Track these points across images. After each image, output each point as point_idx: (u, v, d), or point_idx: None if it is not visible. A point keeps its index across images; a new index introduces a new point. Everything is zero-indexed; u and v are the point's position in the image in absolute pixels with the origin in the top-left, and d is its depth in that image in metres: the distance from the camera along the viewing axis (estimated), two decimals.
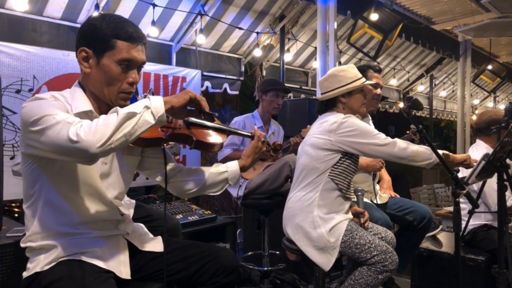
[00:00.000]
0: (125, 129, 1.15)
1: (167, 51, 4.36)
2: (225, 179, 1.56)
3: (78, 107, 1.35)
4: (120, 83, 1.35)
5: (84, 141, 1.09)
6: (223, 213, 5.26)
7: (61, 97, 1.33)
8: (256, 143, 1.58)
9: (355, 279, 1.98)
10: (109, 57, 1.32)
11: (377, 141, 2.02)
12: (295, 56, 5.44)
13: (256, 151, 1.58)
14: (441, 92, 8.62)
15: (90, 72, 1.35)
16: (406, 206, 2.58)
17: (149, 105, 1.20)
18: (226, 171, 1.56)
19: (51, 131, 1.14)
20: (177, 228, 2.31)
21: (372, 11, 4.20)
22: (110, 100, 1.37)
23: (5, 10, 3.20)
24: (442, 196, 5.66)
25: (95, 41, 1.32)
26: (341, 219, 2.04)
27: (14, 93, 3.07)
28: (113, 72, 1.33)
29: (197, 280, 1.50)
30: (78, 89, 1.39)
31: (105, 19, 1.34)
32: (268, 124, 3.31)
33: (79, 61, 1.35)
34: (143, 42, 1.38)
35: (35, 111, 1.19)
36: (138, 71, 1.39)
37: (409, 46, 6.52)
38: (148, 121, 1.19)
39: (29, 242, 1.37)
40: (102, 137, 1.11)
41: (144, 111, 1.19)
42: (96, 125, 1.13)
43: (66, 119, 1.15)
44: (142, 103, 1.20)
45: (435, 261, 2.65)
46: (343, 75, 2.14)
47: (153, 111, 1.20)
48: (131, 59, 1.34)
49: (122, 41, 1.32)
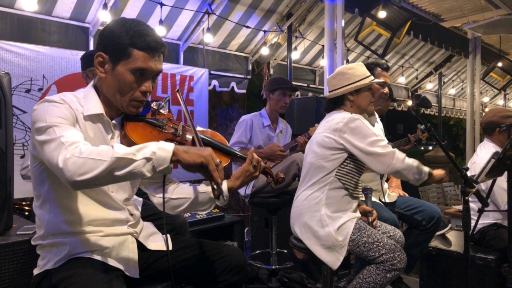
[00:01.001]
0: (116, 171, 1.12)
1: (174, 50, 4.37)
2: (213, 200, 1.50)
3: (89, 109, 1.36)
4: (133, 91, 1.34)
5: (68, 172, 1.11)
6: (231, 211, 5.27)
7: (72, 98, 1.35)
8: (247, 166, 1.48)
9: (363, 277, 1.97)
10: (124, 65, 1.31)
11: (377, 149, 1.97)
12: (302, 54, 5.43)
13: (246, 175, 1.49)
14: (450, 90, 8.54)
15: (105, 78, 1.35)
16: (415, 205, 2.56)
17: (153, 157, 1.14)
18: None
19: (47, 147, 1.17)
20: (184, 226, 2.32)
21: (380, 8, 4.17)
22: (122, 106, 1.37)
23: (14, 10, 3.24)
24: (451, 195, 5.61)
25: (112, 47, 1.32)
26: (349, 217, 2.04)
27: (24, 92, 3.11)
28: (127, 80, 1.32)
29: (205, 278, 1.50)
30: (92, 91, 1.40)
31: (125, 26, 1.32)
32: (276, 123, 3.31)
33: (95, 65, 1.35)
34: (161, 51, 1.35)
35: (42, 117, 1.22)
36: (153, 80, 1.38)
37: (418, 43, 6.47)
38: (143, 173, 1.14)
39: (39, 240, 1.39)
40: (87, 172, 1.10)
41: (143, 163, 1.13)
42: (87, 157, 1.11)
43: (61, 138, 1.16)
44: (146, 150, 1.14)
45: (444, 260, 2.63)
46: (352, 73, 2.13)
47: (155, 163, 1.14)
48: (146, 69, 1.32)
49: (139, 50, 1.30)
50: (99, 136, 1.38)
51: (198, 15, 4.20)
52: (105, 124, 1.40)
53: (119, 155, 1.12)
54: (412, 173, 1.97)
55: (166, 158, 1.15)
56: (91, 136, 1.36)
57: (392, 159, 1.97)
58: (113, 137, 1.41)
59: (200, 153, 1.20)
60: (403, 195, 2.68)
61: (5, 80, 1.76)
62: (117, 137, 1.42)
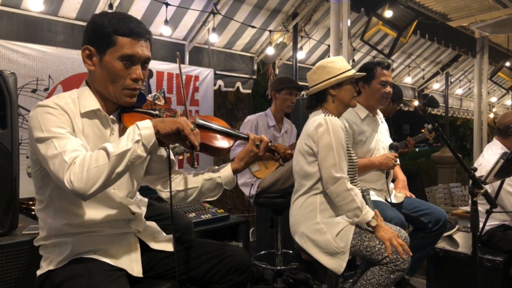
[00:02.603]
0: (118, 168, 1.18)
1: (180, 50, 4.37)
2: (220, 184, 1.51)
3: (86, 106, 1.35)
4: (124, 80, 1.33)
5: (77, 189, 1.16)
6: (236, 212, 5.27)
7: (67, 100, 1.33)
8: (250, 146, 1.49)
9: (367, 279, 1.95)
10: (111, 54, 1.31)
11: (331, 170, 1.93)
12: (308, 54, 5.41)
13: (250, 155, 1.50)
14: (457, 90, 8.47)
15: (94, 70, 1.35)
16: (421, 207, 2.53)
17: (140, 137, 1.21)
18: (219, 176, 1.51)
19: (51, 164, 1.20)
20: (189, 226, 2.31)
21: (386, 8, 4.15)
22: (116, 97, 1.36)
23: (21, 11, 3.25)
24: (458, 196, 5.56)
25: (97, 38, 1.32)
26: (348, 222, 2.00)
27: (30, 92, 3.12)
28: (116, 68, 1.31)
29: (209, 279, 1.49)
30: (86, 88, 1.39)
31: (107, 16, 1.33)
32: (281, 123, 3.30)
33: (83, 59, 1.35)
34: (146, 37, 1.35)
35: (38, 126, 1.24)
36: (143, 68, 1.37)
37: (424, 43, 6.42)
38: (140, 155, 1.21)
39: (42, 241, 1.39)
40: (95, 183, 1.16)
41: (135, 146, 1.20)
42: (88, 169, 1.16)
43: (63, 155, 1.19)
44: (131, 135, 1.21)
45: (452, 261, 2.61)
46: (332, 66, 2.09)
47: (144, 142, 1.21)
48: (133, 55, 1.32)
49: (123, 37, 1.30)
50: (98, 133, 1.37)
51: (203, 15, 4.19)
52: (102, 119, 1.39)
53: (116, 153, 1.18)
54: (346, 209, 1.94)
55: (151, 134, 1.22)
56: (89, 134, 1.35)
57: (334, 184, 1.93)
58: (112, 132, 1.40)
59: (174, 120, 1.26)
60: (410, 196, 2.66)
61: (11, 80, 1.76)
62: (117, 132, 1.41)
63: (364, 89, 2.54)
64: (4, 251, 1.63)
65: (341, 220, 2.02)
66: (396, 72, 6.96)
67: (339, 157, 1.96)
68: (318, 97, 2.15)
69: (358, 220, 1.94)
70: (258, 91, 5.99)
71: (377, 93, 2.51)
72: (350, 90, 2.12)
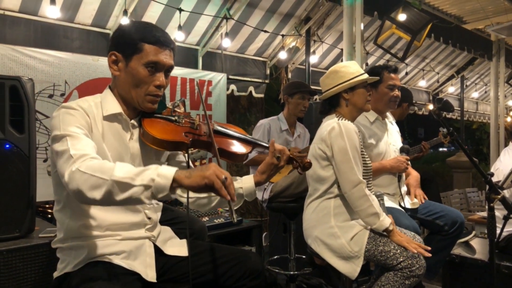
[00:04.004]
0: (114, 196, 1.11)
1: (193, 55, 4.41)
2: (241, 195, 1.51)
3: (108, 109, 1.39)
4: (147, 86, 1.38)
5: (71, 185, 1.15)
6: (249, 216, 5.26)
7: (90, 103, 1.38)
8: (270, 159, 1.47)
9: (381, 284, 1.93)
10: (136, 60, 1.36)
11: (349, 175, 1.93)
12: (321, 58, 5.40)
13: (271, 168, 1.48)
14: (472, 93, 8.36)
15: (119, 75, 1.40)
16: (436, 210, 2.50)
17: (151, 184, 1.11)
18: (241, 187, 1.50)
19: (59, 159, 1.22)
20: (203, 231, 2.32)
21: (400, 11, 4.12)
22: (138, 102, 1.40)
23: (38, 18, 3.32)
24: (475, 201, 5.47)
25: (124, 45, 1.37)
26: (362, 227, 1.99)
27: (47, 97, 3.18)
28: (140, 74, 1.36)
29: (223, 283, 1.49)
30: (109, 93, 1.44)
31: (134, 25, 1.40)
32: (294, 127, 3.29)
33: (109, 64, 1.40)
34: (170, 47, 1.40)
35: (57, 125, 1.27)
36: (166, 76, 1.41)
37: (439, 46, 6.36)
38: (141, 200, 1.13)
39: (59, 243, 1.41)
40: (89, 190, 1.12)
41: (141, 190, 1.11)
42: (91, 174, 1.13)
43: (71, 150, 1.19)
44: (147, 174, 1.11)
45: (468, 268, 2.56)
46: (345, 70, 2.08)
47: (154, 191, 1.11)
48: (158, 62, 1.37)
49: (149, 44, 1.35)
50: (117, 137, 1.41)
51: (216, 20, 4.22)
52: (123, 124, 1.42)
53: (116, 179, 1.11)
54: (364, 215, 1.93)
55: (166, 186, 1.11)
56: (109, 137, 1.38)
57: (352, 189, 1.92)
58: (131, 137, 1.44)
59: (202, 175, 1.12)
60: (424, 198, 2.61)
61: (29, 86, 1.80)
62: (136, 137, 1.44)
63: (372, 94, 2.53)
64: (21, 254, 1.66)
65: (355, 224, 2.01)
66: (410, 76, 6.90)
67: (355, 161, 1.96)
68: (332, 102, 2.15)
69: (376, 227, 1.92)
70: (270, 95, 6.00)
71: (385, 97, 2.49)
72: (364, 94, 2.11)
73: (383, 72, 2.48)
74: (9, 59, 2.98)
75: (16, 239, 1.72)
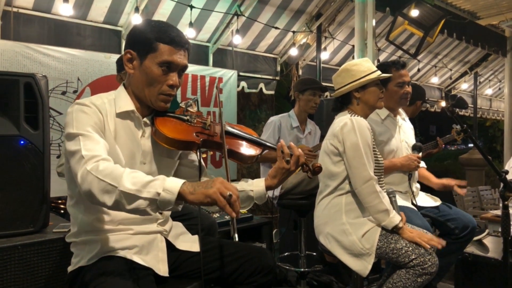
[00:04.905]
0: (123, 205, 1.15)
1: (204, 52, 4.42)
2: (251, 198, 1.51)
3: (121, 106, 1.41)
4: (160, 85, 1.39)
5: (83, 187, 1.18)
6: (259, 213, 5.27)
7: (103, 100, 1.40)
8: (280, 163, 1.45)
9: (393, 282, 1.92)
10: (151, 59, 1.36)
11: (360, 170, 1.93)
12: (332, 55, 5.37)
13: (282, 172, 1.46)
14: (486, 90, 8.24)
15: (134, 73, 1.41)
16: (449, 212, 2.46)
17: (156, 198, 1.13)
18: (252, 189, 1.50)
19: (72, 159, 1.24)
20: (213, 227, 2.33)
21: (413, 7, 4.07)
22: (151, 101, 1.41)
23: (51, 16, 3.36)
24: (488, 199, 5.39)
25: (139, 43, 1.38)
26: (374, 224, 1.98)
27: (60, 94, 3.22)
28: (154, 73, 1.37)
29: (234, 280, 1.50)
30: (123, 90, 1.46)
31: (150, 24, 1.40)
32: (305, 124, 3.28)
33: (124, 62, 1.41)
34: (185, 47, 1.40)
35: (71, 123, 1.29)
36: (179, 76, 1.42)
37: (452, 42, 6.28)
38: (147, 212, 1.16)
39: (73, 238, 1.43)
40: (99, 194, 1.15)
41: (147, 204, 1.14)
42: (102, 178, 1.15)
43: (83, 151, 1.22)
44: (153, 187, 1.13)
45: (481, 267, 2.53)
46: (356, 69, 2.07)
47: (159, 205, 1.14)
48: (172, 62, 1.37)
49: (164, 44, 1.36)
50: (129, 134, 1.42)
51: (227, 17, 4.22)
52: (135, 121, 1.43)
53: (123, 189, 1.14)
54: (374, 211, 1.93)
55: (171, 201, 1.14)
56: (121, 133, 1.40)
57: (363, 185, 1.92)
58: (143, 135, 1.45)
59: (205, 193, 1.13)
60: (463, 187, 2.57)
61: (43, 83, 1.82)
62: (148, 135, 1.45)
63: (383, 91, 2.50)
64: (36, 248, 1.68)
65: (367, 221, 2.00)
66: (422, 72, 6.83)
67: (367, 157, 1.95)
68: (343, 100, 2.15)
69: (385, 224, 1.92)
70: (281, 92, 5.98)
71: (395, 95, 2.45)
72: (375, 92, 2.09)
73: (391, 70, 2.44)
74: (23, 57, 3.02)
75: (31, 234, 1.75)
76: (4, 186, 1.70)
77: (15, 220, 1.73)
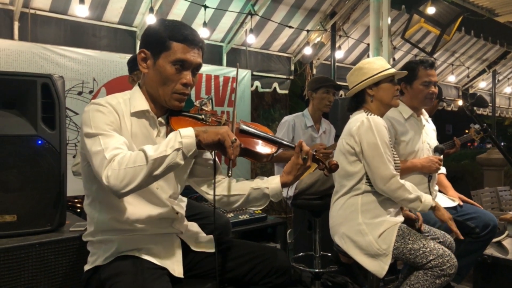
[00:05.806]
0: (156, 171, 1.21)
1: (218, 52, 4.43)
2: (267, 195, 1.49)
3: (136, 106, 1.41)
4: (174, 84, 1.38)
5: (112, 186, 1.21)
6: (273, 213, 5.25)
7: (119, 100, 1.40)
8: (296, 159, 1.44)
9: (411, 283, 1.89)
10: (164, 58, 1.36)
11: (382, 169, 1.93)
12: (346, 53, 5.33)
13: (297, 168, 1.45)
14: (505, 88, 8.07)
15: (148, 73, 1.41)
16: (468, 211, 2.41)
17: (180, 145, 1.22)
18: (267, 187, 1.49)
19: (95, 159, 1.26)
20: (227, 226, 2.33)
21: (429, 4, 4.01)
22: (165, 100, 1.40)
23: (68, 17, 3.40)
24: (507, 200, 5.27)
25: (153, 42, 1.38)
26: (390, 224, 1.95)
27: (76, 95, 3.25)
28: (168, 72, 1.36)
29: (249, 280, 1.49)
30: (138, 90, 1.46)
31: (163, 23, 1.40)
32: (319, 123, 3.25)
33: (139, 61, 1.42)
34: (199, 46, 1.40)
35: (88, 122, 1.30)
36: (193, 74, 1.42)
37: (469, 40, 6.17)
38: (178, 163, 1.23)
39: (89, 237, 1.44)
40: (130, 182, 1.20)
41: (175, 154, 1.21)
42: (126, 167, 1.20)
43: (105, 151, 1.24)
44: (172, 142, 1.22)
45: (501, 269, 2.47)
46: (369, 67, 2.06)
47: (184, 150, 1.22)
48: (185, 60, 1.37)
49: (178, 42, 1.36)
50: (145, 133, 1.42)
51: (241, 17, 4.22)
52: (150, 120, 1.44)
53: (154, 157, 1.20)
54: (406, 203, 1.97)
55: (193, 143, 1.24)
56: (137, 133, 1.40)
57: (387, 183, 1.93)
58: (159, 134, 1.45)
59: (216, 131, 1.26)
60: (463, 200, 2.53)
61: (59, 83, 1.84)
62: (163, 134, 1.45)
63: (407, 90, 2.45)
64: (52, 247, 1.70)
65: (383, 221, 1.97)
66: (439, 71, 6.72)
67: (386, 156, 1.94)
68: (358, 99, 2.13)
69: (421, 209, 1.96)
70: (295, 91, 5.96)
71: (420, 94, 2.40)
72: (389, 89, 2.06)
73: (418, 67, 2.39)
74: (41, 58, 3.06)
75: (48, 233, 1.76)
76: (22, 185, 1.72)
77: (33, 218, 1.75)
